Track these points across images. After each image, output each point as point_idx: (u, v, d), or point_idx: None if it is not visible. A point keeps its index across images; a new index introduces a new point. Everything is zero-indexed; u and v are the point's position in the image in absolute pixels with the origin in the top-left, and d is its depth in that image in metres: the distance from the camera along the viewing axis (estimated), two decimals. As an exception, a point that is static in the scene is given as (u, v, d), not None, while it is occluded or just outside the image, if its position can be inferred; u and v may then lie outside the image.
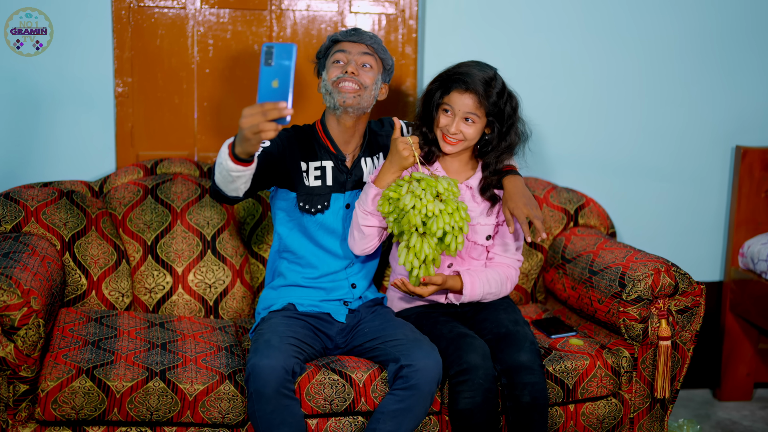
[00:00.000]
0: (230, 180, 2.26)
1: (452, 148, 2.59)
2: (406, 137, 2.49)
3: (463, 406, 2.43)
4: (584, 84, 3.34)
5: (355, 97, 2.53)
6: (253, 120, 1.99)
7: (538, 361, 2.51)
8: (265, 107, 1.97)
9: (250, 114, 2.00)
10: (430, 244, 2.41)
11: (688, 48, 3.38)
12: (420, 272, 2.44)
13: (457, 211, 2.40)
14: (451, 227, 2.39)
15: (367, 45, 2.56)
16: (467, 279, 2.58)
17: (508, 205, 2.53)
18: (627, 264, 2.71)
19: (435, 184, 2.41)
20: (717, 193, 3.49)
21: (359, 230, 2.54)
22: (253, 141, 2.06)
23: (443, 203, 2.40)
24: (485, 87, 2.54)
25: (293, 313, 2.58)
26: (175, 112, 3.15)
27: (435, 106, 2.59)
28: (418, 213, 2.38)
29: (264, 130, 1.99)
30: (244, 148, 2.12)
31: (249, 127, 2.01)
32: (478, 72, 2.56)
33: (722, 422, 3.30)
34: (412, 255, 2.42)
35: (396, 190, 2.43)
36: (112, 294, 2.82)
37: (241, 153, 2.15)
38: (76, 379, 2.36)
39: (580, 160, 3.36)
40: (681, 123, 3.42)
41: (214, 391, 2.41)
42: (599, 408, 2.66)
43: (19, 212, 2.77)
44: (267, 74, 1.96)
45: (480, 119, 2.57)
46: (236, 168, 2.20)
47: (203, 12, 3.11)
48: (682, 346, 2.73)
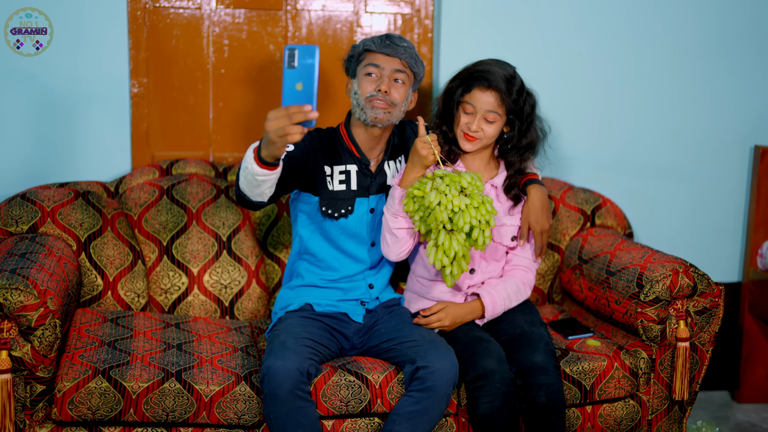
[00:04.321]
0: (255, 184, 2.25)
1: (471, 145, 2.58)
2: (424, 136, 2.48)
3: (483, 411, 2.42)
4: (601, 84, 3.32)
5: (386, 113, 2.53)
6: (279, 123, 1.99)
7: (553, 361, 2.50)
8: (290, 110, 1.96)
9: (275, 117, 1.99)
10: (458, 241, 2.38)
11: (706, 47, 3.35)
12: (453, 270, 2.41)
13: (483, 205, 2.38)
14: (478, 221, 2.37)
15: (401, 60, 2.54)
16: (488, 300, 2.59)
17: (530, 218, 2.61)
18: (645, 265, 2.69)
19: (458, 179, 2.39)
20: (735, 193, 3.46)
21: (391, 234, 2.54)
22: (279, 144, 2.05)
23: (468, 197, 2.38)
24: (507, 84, 2.53)
25: (310, 313, 2.58)
26: (190, 112, 3.15)
27: (455, 104, 2.58)
28: (444, 209, 2.36)
29: (290, 133, 1.99)
30: (270, 151, 2.11)
31: (275, 130, 2.00)
32: (499, 69, 2.55)
33: (741, 424, 3.28)
34: (441, 253, 2.39)
35: (420, 187, 2.41)
36: (128, 294, 2.83)
37: (266, 156, 2.15)
38: (92, 379, 2.36)
39: (597, 160, 3.35)
40: (699, 123, 3.40)
41: (230, 392, 2.40)
42: (617, 409, 2.64)
43: (36, 213, 2.77)
44: (290, 77, 1.95)
45: (501, 117, 2.56)
46: (262, 172, 2.20)
47: (218, 12, 3.11)
48: (701, 347, 2.70)
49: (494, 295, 2.58)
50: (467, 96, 2.56)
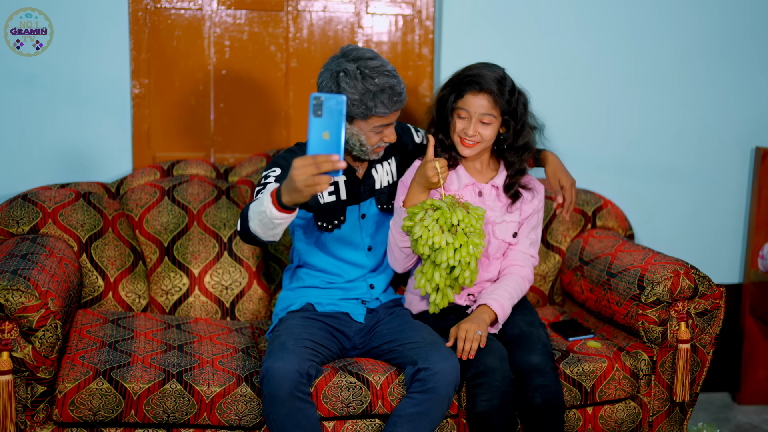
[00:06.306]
0: (272, 227, 2.19)
1: (470, 151, 2.58)
2: (434, 162, 2.47)
3: (481, 408, 2.42)
4: (602, 85, 3.32)
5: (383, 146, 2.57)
6: (307, 171, 1.95)
7: (551, 363, 2.50)
8: (317, 159, 1.93)
9: (302, 166, 1.96)
10: (441, 274, 2.42)
11: (707, 49, 3.35)
12: (437, 299, 2.46)
13: (465, 246, 2.39)
14: (458, 261, 2.39)
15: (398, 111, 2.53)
16: (495, 305, 2.57)
17: (558, 176, 2.72)
18: (646, 266, 2.69)
19: (450, 215, 2.39)
20: (736, 194, 3.46)
21: (398, 249, 2.56)
22: (306, 193, 2.00)
23: (453, 236, 2.39)
24: (498, 86, 2.54)
25: (311, 313, 2.58)
26: (191, 113, 3.15)
27: (449, 111, 2.59)
28: (425, 244, 2.39)
29: (318, 183, 1.96)
30: (294, 198, 2.05)
31: (303, 179, 1.96)
32: (489, 72, 2.56)
33: (742, 426, 3.28)
34: (424, 280, 2.45)
35: (411, 217, 2.43)
36: (129, 295, 2.83)
37: (289, 203, 2.09)
38: (93, 380, 2.36)
39: (598, 162, 3.34)
40: (700, 124, 3.40)
41: (231, 393, 2.41)
42: (617, 411, 2.64)
43: (37, 213, 2.77)
44: (317, 125, 1.92)
45: (496, 119, 2.56)
46: (281, 216, 2.14)
47: (220, 13, 3.11)
48: (702, 349, 2.70)
49: (499, 299, 2.58)
50: (460, 102, 2.56)
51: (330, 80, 2.45)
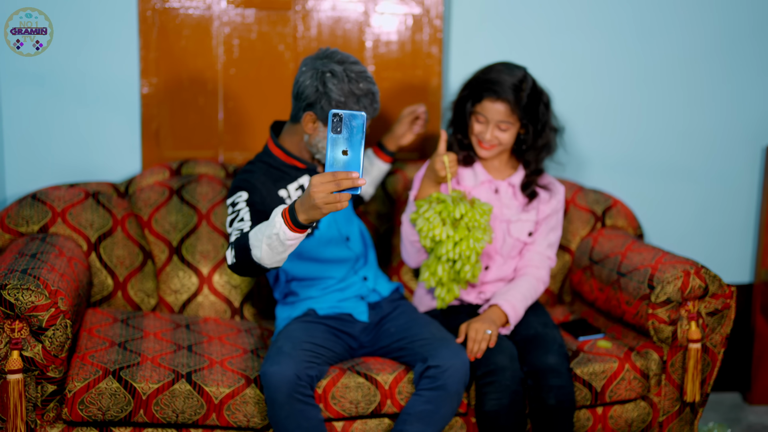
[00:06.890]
0: (281, 251, 2.13)
1: (488, 153, 2.59)
2: (443, 156, 2.47)
3: (490, 407, 2.42)
4: (611, 84, 3.31)
5: None
6: (327, 189, 1.92)
7: (566, 364, 2.49)
8: (337, 177, 1.90)
9: (321, 183, 1.92)
10: (443, 268, 2.42)
11: (714, 48, 3.34)
12: (442, 293, 2.47)
13: (465, 240, 2.39)
14: (458, 255, 2.39)
15: None
16: (507, 306, 2.56)
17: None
18: (656, 266, 2.68)
19: (452, 208, 2.40)
20: (747, 193, 3.44)
21: (410, 245, 2.57)
22: (324, 210, 1.97)
23: (454, 230, 2.39)
24: (516, 93, 2.54)
25: (313, 317, 2.57)
26: (200, 112, 3.15)
27: (468, 113, 2.59)
28: (425, 237, 2.39)
29: (339, 200, 1.93)
30: (312, 216, 2.01)
31: (322, 197, 1.93)
32: (508, 77, 2.55)
33: (753, 426, 3.26)
34: (428, 273, 2.47)
35: (417, 210, 2.44)
36: (138, 295, 2.83)
37: (305, 221, 2.04)
38: (102, 380, 2.36)
39: (608, 161, 3.34)
40: (709, 123, 3.38)
41: (240, 394, 2.40)
42: (628, 411, 2.63)
43: (46, 213, 2.78)
44: (335, 142, 1.90)
45: (513, 125, 2.57)
46: (294, 236, 2.08)
47: (228, 12, 3.11)
48: (712, 349, 2.69)
49: (511, 300, 2.57)
50: (478, 106, 2.57)
51: (315, 79, 2.44)
